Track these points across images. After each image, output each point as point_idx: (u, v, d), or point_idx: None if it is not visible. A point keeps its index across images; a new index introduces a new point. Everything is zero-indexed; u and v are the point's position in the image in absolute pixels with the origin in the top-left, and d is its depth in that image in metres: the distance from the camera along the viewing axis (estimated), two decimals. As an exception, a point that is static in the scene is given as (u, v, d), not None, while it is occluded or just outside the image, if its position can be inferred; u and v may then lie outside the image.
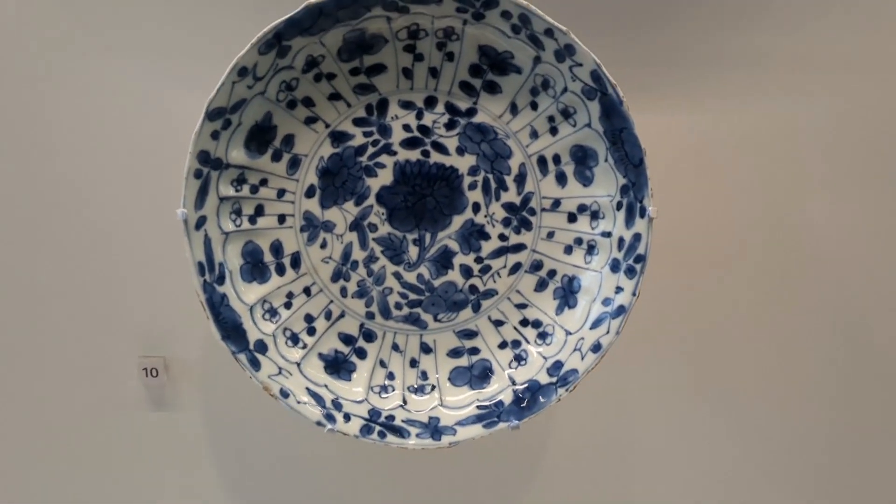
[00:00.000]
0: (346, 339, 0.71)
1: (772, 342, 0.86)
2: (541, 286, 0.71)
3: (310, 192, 0.69)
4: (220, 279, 0.66)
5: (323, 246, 0.70)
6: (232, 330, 0.66)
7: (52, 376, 0.86)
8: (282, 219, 0.69)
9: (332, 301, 0.71)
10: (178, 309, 0.83)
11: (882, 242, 0.84)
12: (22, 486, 0.89)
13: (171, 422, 0.88)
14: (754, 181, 0.82)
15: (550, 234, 0.70)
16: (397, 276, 0.71)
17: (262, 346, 0.67)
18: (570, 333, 0.69)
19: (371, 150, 0.69)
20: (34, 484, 0.89)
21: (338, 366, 0.71)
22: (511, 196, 0.70)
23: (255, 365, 0.66)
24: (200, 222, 0.65)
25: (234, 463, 0.89)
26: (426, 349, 0.72)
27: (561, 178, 0.69)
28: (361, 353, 0.71)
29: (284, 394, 0.66)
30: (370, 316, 0.71)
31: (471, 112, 0.68)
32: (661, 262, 0.72)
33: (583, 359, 0.67)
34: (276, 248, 0.69)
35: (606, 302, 0.67)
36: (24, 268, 0.83)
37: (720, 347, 0.86)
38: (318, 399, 0.68)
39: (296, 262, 0.70)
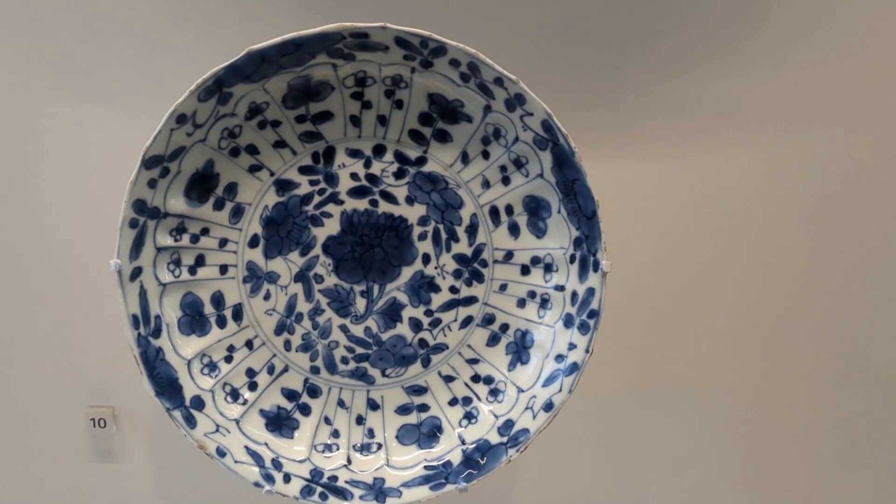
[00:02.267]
0: (290, 395, 0.69)
1: (731, 397, 0.85)
2: (493, 340, 0.69)
3: (253, 242, 0.67)
4: (156, 332, 0.64)
5: (267, 297, 0.68)
6: (167, 385, 0.63)
7: (-4, 425, 0.83)
8: (224, 269, 0.67)
9: (275, 355, 0.68)
10: (127, 359, 0.80)
11: (845, 290, 0.83)
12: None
13: (119, 473, 0.85)
14: (712, 230, 0.81)
15: (503, 287, 0.68)
16: (344, 329, 0.68)
17: (198, 403, 0.65)
18: (523, 391, 0.67)
19: (317, 198, 0.67)
20: (-27, 540, 0.86)
21: (280, 423, 0.68)
22: (462, 247, 0.68)
23: (191, 422, 0.63)
24: (136, 273, 0.62)
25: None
26: (373, 406, 0.69)
27: (514, 230, 0.67)
28: (305, 410, 0.69)
29: (221, 453, 0.63)
30: (315, 370, 0.69)
31: (421, 161, 0.66)
32: (617, 314, 0.70)
33: (534, 418, 0.64)
34: (218, 300, 0.67)
35: (559, 359, 0.65)
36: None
37: (678, 405, 0.84)
38: (258, 458, 0.65)
39: (238, 314, 0.68)
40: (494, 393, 0.68)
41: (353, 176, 0.67)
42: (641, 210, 0.80)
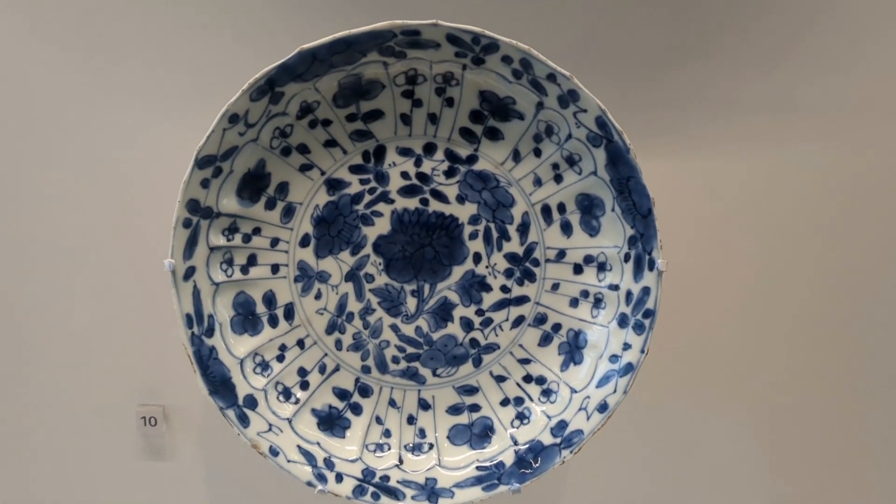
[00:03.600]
0: (341, 395, 0.69)
1: (788, 396, 0.83)
2: (545, 341, 0.68)
3: (304, 242, 0.67)
4: (210, 331, 0.64)
5: (317, 297, 0.68)
6: (220, 384, 0.64)
7: (49, 423, 0.85)
8: (275, 269, 0.67)
9: (326, 354, 0.68)
10: (178, 357, 0.80)
11: None
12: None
13: (169, 472, 0.86)
14: (768, 228, 0.79)
15: (555, 286, 0.67)
16: (395, 328, 0.68)
17: (251, 402, 0.65)
18: (576, 391, 0.66)
19: (368, 198, 0.66)
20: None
21: (332, 422, 0.68)
22: (514, 246, 0.67)
23: (244, 421, 0.64)
24: (189, 273, 0.63)
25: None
26: (424, 405, 0.69)
27: (566, 228, 0.66)
28: (357, 409, 0.68)
29: (274, 452, 0.64)
30: (366, 370, 0.69)
31: (471, 159, 0.66)
32: (672, 315, 0.69)
33: (588, 419, 0.63)
34: (269, 299, 0.67)
35: (613, 359, 0.64)
36: (21, 318, 0.82)
37: (733, 403, 0.82)
38: (310, 458, 0.65)
39: (289, 313, 0.68)
40: (547, 393, 0.67)
41: (404, 175, 0.66)
42: (693, 209, 0.78)
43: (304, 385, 0.68)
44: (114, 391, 0.83)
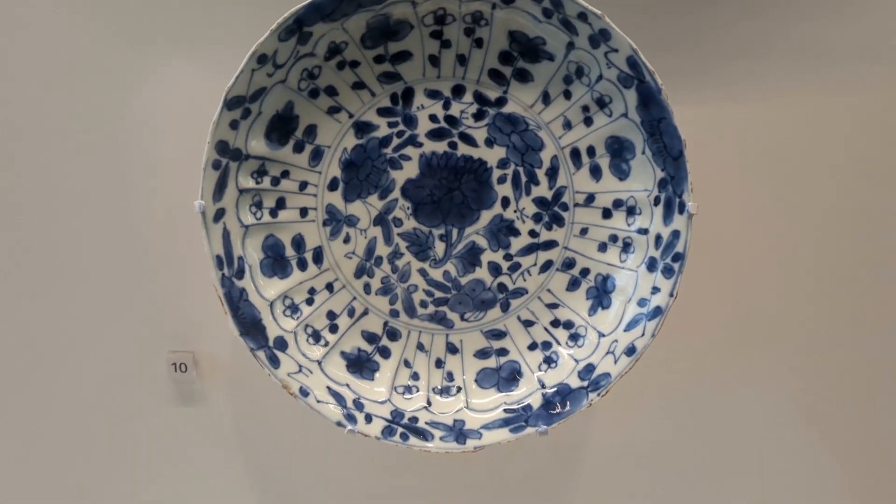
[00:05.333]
0: (370, 338, 0.69)
1: (816, 343, 0.82)
2: (573, 285, 0.68)
3: (333, 185, 0.67)
4: (240, 273, 0.64)
5: (346, 241, 0.68)
6: (251, 326, 0.64)
7: (80, 372, 0.86)
8: (304, 212, 0.67)
9: (355, 298, 0.69)
10: (207, 304, 0.81)
11: None
12: (51, 481, 0.89)
13: (200, 417, 0.87)
14: (800, 175, 0.78)
15: (584, 231, 0.67)
16: (423, 272, 0.68)
17: (282, 343, 0.65)
18: (604, 335, 0.66)
19: (396, 141, 0.66)
20: (63, 478, 0.89)
21: (360, 365, 0.68)
22: (542, 190, 0.66)
23: (275, 362, 0.64)
24: (219, 215, 0.63)
25: (262, 458, 0.88)
26: (452, 349, 0.69)
27: (595, 172, 0.66)
28: (385, 353, 0.69)
29: (304, 392, 0.64)
30: (395, 314, 0.69)
31: (500, 102, 0.65)
32: (700, 260, 0.68)
33: (616, 362, 0.63)
34: (298, 243, 0.67)
35: (642, 303, 0.64)
36: (49, 265, 0.82)
37: (762, 349, 0.82)
38: (339, 399, 0.66)
39: (318, 257, 0.68)
40: (574, 338, 0.67)
41: (432, 118, 0.66)
42: (724, 153, 0.77)
43: (334, 328, 0.68)
44: (144, 338, 0.84)
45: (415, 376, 0.69)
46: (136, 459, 0.88)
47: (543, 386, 0.67)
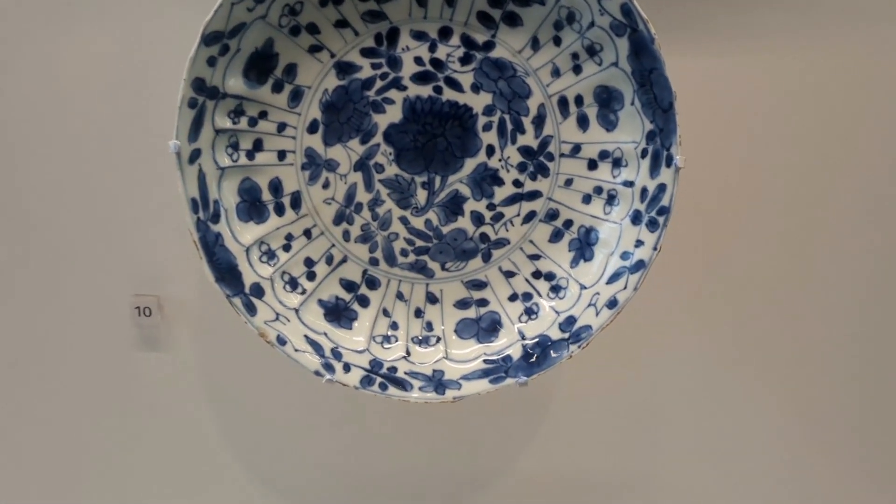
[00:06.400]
0: (348, 286, 0.68)
1: (799, 301, 0.82)
2: (556, 237, 0.67)
3: (312, 128, 0.64)
4: (215, 217, 0.62)
5: (325, 186, 0.66)
6: (227, 272, 0.62)
7: (42, 315, 0.83)
8: (282, 155, 0.65)
9: (333, 245, 0.67)
10: (173, 247, 0.80)
11: None
12: (11, 425, 0.87)
13: (165, 362, 0.85)
14: (790, 131, 0.77)
15: (568, 182, 0.66)
16: (404, 220, 0.67)
17: (258, 290, 0.64)
18: (585, 288, 0.65)
19: (379, 83, 0.64)
20: (24, 422, 0.87)
21: (338, 313, 0.67)
22: (528, 139, 0.65)
23: (251, 310, 0.63)
24: (195, 156, 0.60)
25: (228, 405, 0.87)
26: (432, 299, 0.68)
27: (583, 122, 0.64)
28: (364, 301, 0.68)
29: (281, 341, 0.63)
30: (374, 262, 0.68)
31: (488, 46, 0.63)
32: (685, 215, 0.68)
33: (597, 315, 0.63)
34: (276, 187, 0.65)
35: (625, 256, 0.63)
36: (12, 204, 0.79)
37: (744, 305, 0.82)
38: (317, 347, 0.64)
39: (296, 202, 0.66)
40: (556, 289, 0.67)
41: (418, 60, 0.63)
42: (712, 106, 0.76)
43: (311, 276, 0.67)
44: (107, 281, 0.82)
45: (394, 326, 0.68)
46: (97, 405, 0.86)
47: (524, 337, 0.66)
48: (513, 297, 0.68)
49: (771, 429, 0.87)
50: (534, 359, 0.65)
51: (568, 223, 0.67)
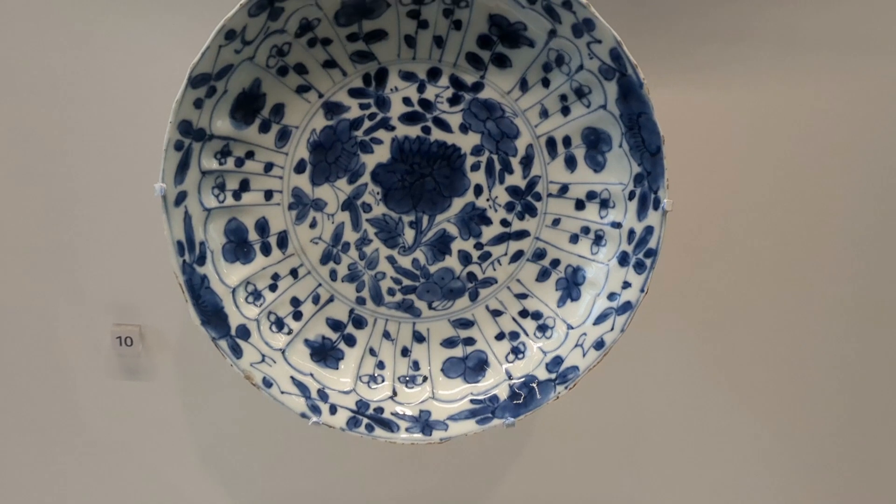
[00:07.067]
0: (335, 325, 0.67)
1: (786, 338, 0.83)
2: (543, 276, 0.67)
3: (300, 168, 0.64)
4: (201, 259, 0.61)
5: (312, 225, 0.65)
6: (213, 314, 0.61)
7: (24, 343, 0.82)
8: (269, 195, 0.64)
9: (320, 284, 0.67)
10: (154, 277, 0.79)
11: None
12: (-12, 455, 0.86)
13: (146, 391, 0.85)
14: (778, 169, 0.78)
15: (556, 222, 0.66)
16: (391, 260, 0.66)
17: (244, 332, 0.63)
18: (572, 328, 0.65)
19: (367, 123, 0.63)
20: (4, 451, 0.86)
21: (325, 353, 0.67)
22: (516, 179, 0.65)
23: (237, 352, 0.62)
24: (180, 198, 0.60)
25: (208, 435, 0.86)
26: (419, 338, 0.68)
27: (570, 163, 0.65)
28: (350, 341, 0.67)
29: (267, 383, 0.62)
30: (361, 301, 0.67)
31: (477, 87, 0.63)
32: (673, 253, 0.68)
33: (584, 355, 0.63)
34: (262, 227, 0.65)
35: (612, 297, 0.63)
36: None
37: (731, 344, 0.83)
38: (303, 389, 0.64)
39: (282, 241, 0.65)
40: (543, 329, 0.67)
41: (406, 101, 0.63)
42: (702, 145, 0.76)
43: (298, 315, 0.66)
44: (89, 310, 0.81)
45: (380, 365, 0.67)
46: (78, 434, 0.86)
47: (510, 377, 0.66)
48: (500, 336, 0.68)
49: (757, 457, 0.87)
50: (521, 399, 0.65)
51: (555, 262, 0.67)
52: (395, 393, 0.67)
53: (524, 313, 0.68)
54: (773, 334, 0.83)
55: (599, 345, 0.63)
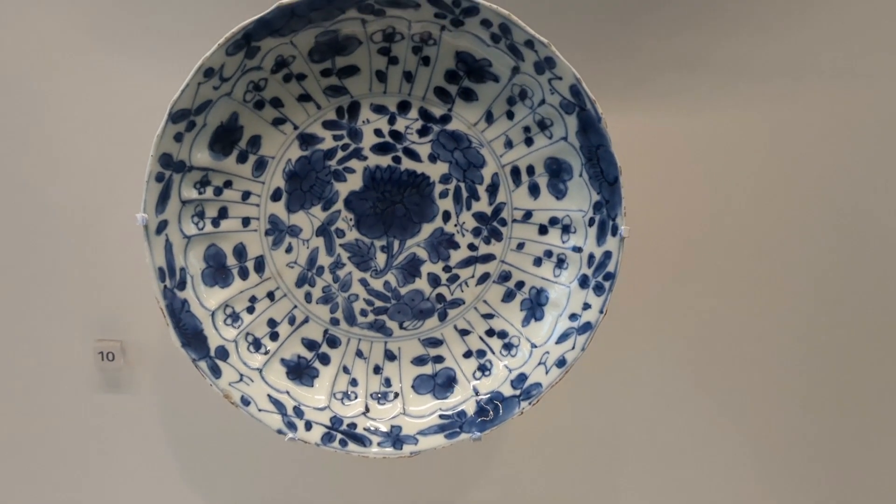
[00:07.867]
0: (310, 345, 0.70)
1: (746, 357, 0.86)
2: (508, 297, 0.70)
3: (276, 196, 0.67)
4: (181, 284, 0.64)
5: (288, 250, 0.68)
6: (193, 337, 0.64)
7: (5, 358, 0.84)
8: (246, 222, 0.67)
9: (295, 306, 0.70)
10: (136, 293, 0.81)
11: (871, 255, 0.84)
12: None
13: (127, 405, 0.87)
14: (734, 191, 0.82)
15: (520, 246, 0.69)
16: (364, 282, 0.70)
17: (223, 353, 0.66)
18: (536, 346, 0.69)
19: (341, 154, 0.66)
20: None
21: (300, 371, 0.70)
22: (482, 206, 0.68)
23: (216, 372, 0.65)
24: (162, 226, 0.62)
25: (189, 448, 0.88)
26: (390, 356, 0.71)
27: (534, 190, 0.68)
28: (325, 359, 0.70)
29: (245, 401, 0.65)
30: (335, 322, 0.70)
31: (445, 119, 0.66)
32: (636, 269, 0.72)
33: (547, 373, 0.67)
34: (240, 252, 0.67)
35: (573, 317, 0.67)
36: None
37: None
38: (280, 406, 0.67)
39: (260, 266, 0.68)
40: (508, 347, 0.70)
41: (377, 132, 0.66)
42: (654, 165, 0.80)
43: (274, 336, 0.69)
44: (71, 326, 0.83)
45: (353, 382, 0.70)
46: (59, 448, 0.87)
47: (477, 393, 0.70)
48: (467, 355, 0.71)
49: (731, 466, 0.90)
50: (488, 415, 0.68)
51: (520, 284, 0.70)
52: (367, 409, 0.70)
53: (490, 332, 0.71)
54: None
55: (561, 363, 0.66)
